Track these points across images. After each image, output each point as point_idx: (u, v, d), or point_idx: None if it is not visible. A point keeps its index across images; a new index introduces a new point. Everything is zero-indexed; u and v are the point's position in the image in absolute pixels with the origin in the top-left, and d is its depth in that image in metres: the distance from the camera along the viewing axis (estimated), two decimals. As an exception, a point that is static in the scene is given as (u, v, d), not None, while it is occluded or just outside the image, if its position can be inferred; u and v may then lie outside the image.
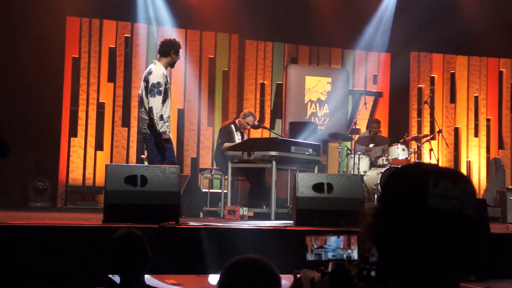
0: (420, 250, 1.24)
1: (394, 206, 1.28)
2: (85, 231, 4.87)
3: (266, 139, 8.84)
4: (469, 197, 1.26)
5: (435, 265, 1.24)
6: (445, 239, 1.23)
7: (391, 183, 1.33)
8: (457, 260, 1.25)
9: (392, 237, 1.27)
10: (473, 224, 1.26)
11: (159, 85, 6.27)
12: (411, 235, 1.24)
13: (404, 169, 1.34)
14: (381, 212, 1.31)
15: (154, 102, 6.26)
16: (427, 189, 1.25)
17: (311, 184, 5.99)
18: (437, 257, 1.23)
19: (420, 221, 1.24)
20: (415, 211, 1.25)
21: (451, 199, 1.24)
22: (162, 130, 6.28)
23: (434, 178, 1.26)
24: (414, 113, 11.70)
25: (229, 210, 7.20)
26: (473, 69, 11.93)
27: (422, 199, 1.24)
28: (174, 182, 5.46)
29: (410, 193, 1.27)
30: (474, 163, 11.71)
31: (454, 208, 1.24)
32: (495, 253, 4.94)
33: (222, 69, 10.84)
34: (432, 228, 1.23)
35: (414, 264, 1.25)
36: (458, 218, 1.24)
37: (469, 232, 1.26)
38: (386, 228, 1.28)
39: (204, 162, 10.36)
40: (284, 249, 4.72)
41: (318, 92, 11.15)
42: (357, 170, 8.65)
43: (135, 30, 10.32)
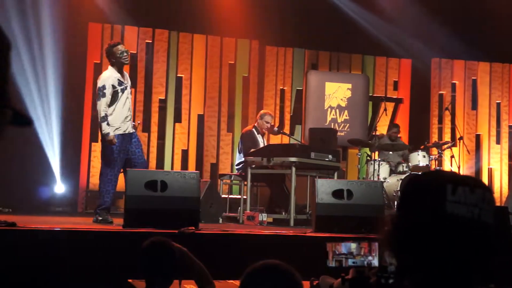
0: (438, 257, 1.23)
1: (412, 213, 1.28)
2: (106, 235, 4.90)
3: (285, 145, 8.83)
4: (487, 204, 1.26)
5: (453, 272, 1.23)
6: (464, 245, 1.23)
7: (409, 190, 1.33)
8: (475, 267, 1.24)
9: (410, 244, 1.27)
10: (491, 231, 1.25)
11: (103, 88, 6.34)
12: (429, 242, 1.24)
13: (422, 176, 1.34)
14: (399, 219, 1.31)
15: (98, 105, 6.36)
16: (445, 195, 1.25)
17: (330, 191, 5.97)
18: (455, 264, 1.23)
19: (438, 228, 1.24)
20: (433, 217, 1.24)
21: (469, 205, 1.24)
22: (105, 132, 6.29)
23: (452, 185, 1.25)
24: (435, 120, 11.62)
25: (248, 216, 7.20)
26: (495, 75, 11.82)
27: (440, 205, 1.24)
28: (194, 188, 5.48)
29: (428, 199, 1.27)
30: (496, 170, 11.59)
31: (473, 215, 1.24)
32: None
33: (242, 75, 10.87)
34: (450, 235, 1.23)
35: (432, 271, 1.24)
36: (477, 224, 1.24)
37: (487, 238, 1.25)
38: (404, 235, 1.28)
39: (224, 168, 10.38)
40: (303, 256, 4.71)
41: (338, 98, 11.12)
42: (377, 176, 8.61)
43: (156, 36, 10.38)
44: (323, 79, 11.13)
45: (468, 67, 11.77)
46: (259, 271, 2.20)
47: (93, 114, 9.99)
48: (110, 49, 6.55)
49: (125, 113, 6.48)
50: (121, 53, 6.47)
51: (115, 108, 6.42)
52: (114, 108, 6.41)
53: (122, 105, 6.46)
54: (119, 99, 6.44)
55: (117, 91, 6.43)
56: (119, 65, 6.50)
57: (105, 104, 6.33)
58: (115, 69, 6.50)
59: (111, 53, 6.51)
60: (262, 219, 7.11)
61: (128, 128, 6.47)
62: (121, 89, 6.48)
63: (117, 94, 6.43)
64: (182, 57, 10.55)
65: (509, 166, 11.58)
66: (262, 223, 7.07)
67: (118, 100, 6.43)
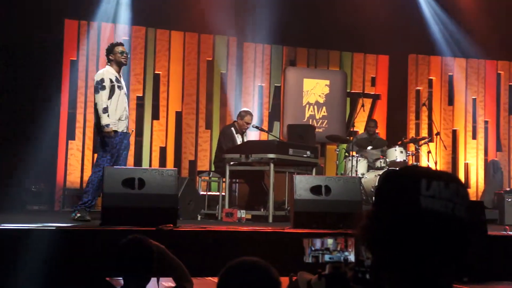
0: (413, 251, 1.24)
1: (388, 208, 1.29)
2: (83, 233, 4.86)
3: (264, 142, 8.84)
4: (461, 199, 1.27)
5: (427, 266, 1.24)
6: (438, 240, 1.24)
7: (384, 186, 1.33)
8: (449, 260, 1.25)
9: (385, 239, 1.28)
10: (465, 225, 1.27)
11: (102, 81, 6.40)
12: (404, 236, 1.25)
13: (397, 171, 1.35)
14: (374, 214, 1.31)
15: (97, 98, 6.40)
16: (420, 190, 1.26)
17: (309, 187, 5.99)
18: (430, 257, 1.24)
19: (413, 222, 1.25)
20: (408, 212, 1.25)
21: (444, 200, 1.25)
22: (105, 123, 6.31)
23: (426, 180, 1.26)
24: (412, 116, 11.70)
25: (226, 213, 7.20)
26: (471, 71, 11.94)
27: (415, 200, 1.25)
28: (172, 185, 5.46)
29: (403, 194, 1.27)
30: (472, 165, 11.72)
31: (447, 209, 1.25)
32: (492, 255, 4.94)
33: (220, 72, 10.85)
34: (424, 229, 1.24)
35: (407, 265, 1.25)
36: (451, 219, 1.25)
37: (461, 233, 1.26)
38: (380, 230, 1.29)
39: (202, 165, 10.36)
40: (282, 252, 4.72)
41: (316, 94, 11.15)
42: (355, 172, 8.65)
43: (133, 33, 10.31)
44: (301, 76, 11.16)
45: (444, 63, 11.88)
46: (237, 268, 2.20)
47: (69, 112, 9.92)
48: (111, 47, 6.66)
49: (120, 112, 6.49)
50: (121, 52, 6.58)
51: (111, 102, 6.44)
52: (111, 102, 6.43)
53: (117, 102, 6.48)
54: (115, 94, 6.46)
55: (114, 86, 6.48)
56: (117, 65, 6.59)
57: (105, 96, 6.39)
58: (113, 68, 6.57)
59: (111, 51, 6.61)
60: (240, 215, 7.10)
61: (123, 128, 6.51)
62: (118, 86, 6.53)
63: (114, 89, 6.48)
64: (160, 54, 10.50)
65: (485, 161, 11.71)
66: (241, 220, 7.07)
67: (114, 95, 6.46)
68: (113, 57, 6.57)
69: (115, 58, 6.57)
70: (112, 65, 6.59)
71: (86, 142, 9.95)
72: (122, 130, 6.48)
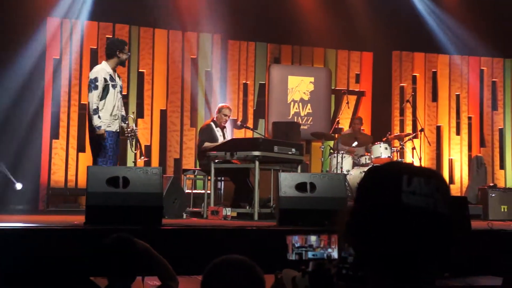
0: (395, 248, 1.25)
1: (369, 205, 1.29)
2: (67, 233, 4.83)
3: (249, 139, 8.83)
4: (442, 195, 1.27)
5: (409, 262, 1.25)
6: (419, 236, 1.24)
7: (366, 182, 1.34)
8: (431, 256, 1.26)
9: (367, 235, 1.28)
10: (446, 221, 1.27)
11: (95, 80, 6.35)
12: (386, 233, 1.25)
13: (378, 168, 1.35)
14: (356, 211, 1.31)
15: (90, 97, 6.36)
16: (401, 186, 1.26)
17: (294, 184, 5.99)
18: (412, 254, 1.24)
19: (394, 219, 1.25)
20: (389, 208, 1.26)
21: (425, 196, 1.25)
22: (96, 125, 6.27)
23: (407, 176, 1.27)
24: (396, 112, 11.75)
25: (212, 211, 7.19)
26: (454, 67, 12.01)
27: (396, 196, 1.25)
28: (157, 183, 5.44)
29: (384, 191, 1.28)
30: (456, 161, 11.79)
31: (428, 205, 1.25)
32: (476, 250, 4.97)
33: (205, 70, 10.82)
34: (406, 225, 1.24)
35: (389, 262, 1.26)
36: (432, 215, 1.25)
37: (442, 228, 1.27)
38: (361, 227, 1.29)
39: (187, 163, 10.34)
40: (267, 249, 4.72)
41: (301, 91, 11.17)
42: (340, 169, 8.68)
43: (116, 31, 10.26)
44: (286, 73, 11.16)
45: (428, 60, 11.94)
46: (221, 266, 2.20)
47: (53, 111, 9.85)
48: (120, 44, 6.56)
49: (114, 111, 6.45)
50: (127, 52, 6.54)
51: (105, 102, 6.39)
52: (104, 102, 6.38)
53: (112, 101, 6.45)
54: (109, 94, 6.41)
55: (108, 85, 6.42)
56: (117, 63, 6.51)
57: (97, 96, 6.33)
58: (110, 65, 6.49)
59: (120, 48, 6.50)
60: (226, 213, 7.10)
61: (117, 127, 6.48)
62: (112, 85, 6.48)
63: (108, 88, 6.42)
64: (143, 52, 10.46)
65: (469, 157, 11.79)
66: (226, 218, 7.06)
67: (108, 94, 6.41)
68: (119, 56, 6.48)
69: (121, 56, 6.49)
70: (110, 62, 6.50)
71: (70, 141, 9.89)
72: (115, 130, 6.46)
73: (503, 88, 12.15)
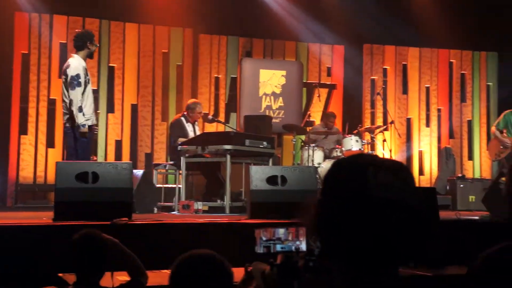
0: (361, 240, 1.25)
1: (335, 197, 1.29)
2: (35, 229, 4.77)
3: (220, 133, 8.82)
4: (408, 186, 1.28)
5: (374, 254, 1.25)
6: (385, 227, 1.24)
7: (332, 175, 1.34)
8: (395, 248, 1.26)
9: (333, 228, 1.28)
10: (413, 212, 1.27)
11: (78, 77, 6.32)
12: (352, 225, 1.25)
13: (344, 160, 1.35)
14: (322, 203, 1.31)
15: (73, 95, 6.31)
16: (367, 179, 1.26)
17: (265, 177, 6.00)
18: (377, 245, 1.24)
19: (360, 211, 1.25)
20: (355, 201, 1.26)
21: (390, 188, 1.26)
22: (81, 123, 6.24)
23: (373, 168, 1.27)
24: (367, 105, 11.83)
25: (183, 205, 7.17)
26: (424, 60, 12.13)
27: (362, 189, 1.25)
28: (126, 178, 5.40)
29: (350, 183, 1.28)
30: (426, 152, 11.92)
31: (393, 196, 1.25)
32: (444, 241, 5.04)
33: (176, 64, 10.77)
34: (371, 217, 1.24)
35: (355, 254, 1.26)
36: (398, 206, 1.25)
37: (409, 220, 1.27)
38: (327, 219, 1.29)
39: (159, 158, 10.29)
40: (239, 243, 4.71)
41: (273, 85, 11.17)
42: (311, 162, 8.71)
43: (86, 25, 10.13)
44: (257, 67, 11.15)
45: (398, 53, 12.03)
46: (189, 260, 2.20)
47: (21, 106, 9.71)
48: (90, 36, 6.54)
49: (92, 104, 6.48)
50: (96, 44, 6.57)
51: (84, 98, 6.38)
52: (83, 98, 6.37)
53: (90, 96, 6.45)
54: (87, 89, 6.41)
55: (86, 80, 6.41)
56: (86, 54, 6.48)
57: (80, 93, 6.29)
58: (82, 58, 6.46)
59: (90, 39, 6.48)
60: (197, 207, 7.09)
61: (93, 121, 6.50)
62: (89, 79, 6.49)
63: (86, 83, 6.40)
64: (114, 47, 10.36)
65: (438, 148, 11.93)
66: (198, 212, 7.05)
67: (87, 89, 6.41)
68: (89, 47, 6.45)
69: (90, 49, 6.47)
70: (81, 54, 6.46)
71: (39, 136, 9.76)
72: (92, 124, 6.47)
73: (471, 81, 12.31)
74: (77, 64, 6.40)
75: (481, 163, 12.07)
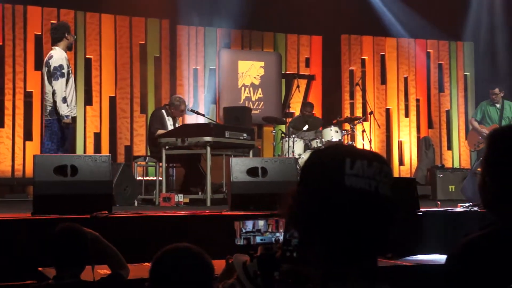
0: (337, 230, 1.25)
1: (312, 187, 1.29)
2: (14, 224, 4.72)
3: (200, 125, 8.77)
4: (384, 177, 1.29)
5: (352, 244, 1.26)
6: (361, 218, 1.25)
7: (309, 165, 1.34)
8: (373, 238, 1.27)
9: (310, 218, 1.28)
10: (388, 203, 1.28)
11: (61, 68, 6.31)
12: (328, 215, 1.26)
13: (322, 151, 1.36)
14: (299, 193, 1.32)
15: (57, 85, 6.30)
16: (344, 169, 1.26)
17: (245, 169, 5.99)
18: (354, 235, 1.25)
19: (337, 201, 1.26)
20: (332, 191, 1.26)
21: (367, 178, 1.26)
22: (64, 113, 6.26)
23: (350, 159, 1.27)
24: (346, 95, 11.87)
25: (164, 198, 7.14)
26: (402, 50, 12.18)
27: (339, 179, 1.26)
28: (106, 171, 5.36)
29: (327, 173, 1.28)
30: (406, 142, 12.00)
31: (370, 187, 1.26)
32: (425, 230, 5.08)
33: (154, 55, 10.70)
34: (348, 207, 1.25)
35: (331, 244, 1.26)
36: (374, 197, 1.26)
37: (384, 210, 1.28)
38: (305, 209, 1.29)
39: (138, 150, 10.23)
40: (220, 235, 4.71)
41: (252, 76, 11.16)
42: (291, 153, 8.72)
43: (61, 17, 10.02)
44: (236, 58, 11.13)
45: (376, 43, 12.07)
46: (169, 254, 2.19)
47: (-3, 99, 9.60)
48: (64, 25, 6.57)
49: (74, 97, 6.49)
50: (73, 35, 6.60)
51: (68, 89, 6.37)
52: (69, 90, 6.37)
53: (71, 87, 6.44)
54: (69, 80, 6.42)
55: (69, 71, 6.42)
56: (65, 46, 6.46)
57: (64, 84, 6.29)
58: (63, 50, 6.44)
59: (65, 29, 6.48)
60: (178, 200, 7.06)
61: (74, 113, 6.55)
62: (71, 70, 6.48)
63: (69, 75, 6.41)
64: (90, 38, 10.26)
65: (418, 138, 12.01)
66: (179, 204, 7.03)
67: (69, 81, 6.40)
68: (68, 38, 6.44)
69: (68, 40, 6.46)
70: (61, 45, 6.45)
71: (16, 129, 9.65)
72: (73, 115, 6.50)
73: (449, 71, 12.40)
74: (59, 55, 6.40)
75: (460, 153, 12.19)
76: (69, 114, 6.30)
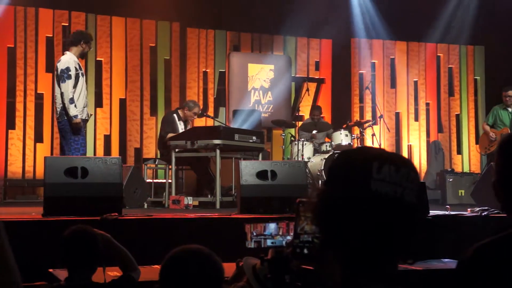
0: (361, 233, 1.25)
1: (338, 189, 1.29)
2: (24, 225, 4.75)
3: (209, 128, 8.80)
4: (411, 183, 1.27)
5: (375, 248, 1.25)
6: (386, 223, 1.24)
7: (337, 165, 1.33)
8: (395, 244, 1.26)
9: (334, 218, 1.28)
10: (413, 210, 1.27)
11: (68, 70, 6.36)
12: (353, 218, 1.25)
13: (350, 152, 1.35)
14: (325, 193, 1.31)
15: (64, 87, 6.35)
16: (371, 173, 1.25)
17: (254, 172, 5.99)
18: (377, 240, 1.25)
19: (362, 205, 1.25)
20: (358, 194, 1.25)
21: (393, 184, 1.25)
22: (73, 114, 6.29)
23: (378, 163, 1.26)
24: (356, 99, 11.85)
25: (173, 200, 7.15)
26: (412, 54, 12.16)
27: (366, 182, 1.25)
28: (116, 173, 5.38)
29: (354, 176, 1.27)
30: (415, 146, 11.97)
31: (396, 193, 1.25)
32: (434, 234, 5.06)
33: (164, 58, 10.73)
34: (372, 212, 1.24)
35: (354, 246, 1.26)
36: (399, 203, 1.25)
37: (408, 217, 1.27)
38: (330, 209, 1.29)
39: (148, 152, 10.26)
40: (230, 238, 4.72)
41: (261, 79, 11.16)
42: (301, 156, 8.72)
43: (72, 19, 10.08)
44: (246, 61, 11.14)
45: (386, 47, 12.05)
46: (180, 256, 2.19)
47: (8, 101, 9.65)
48: (85, 34, 6.66)
49: (84, 99, 6.51)
50: (90, 46, 6.65)
51: (76, 91, 6.42)
52: (75, 91, 6.42)
53: (81, 90, 6.48)
54: (79, 82, 6.45)
55: (78, 74, 6.45)
56: (78, 52, 6.54)
57: (71, 86, 6.34)
58: (74, 54, 6.52)
59: (83, 37, 6.56)
60: (187, 202, 7.07)
61: (85, 115, 6.54)
62: (81, 73, 6.54)
63: (78, 77, 6.45)
64: (101, 40, 10.30)
65: (427, 142, 11.98)
66: (188, 207, 7.04)
67: (79, 83, 6.44)
68: (83, 46, 6.53)
69: (83, 49, 6.54)
70: (74, 50, 6.52)
71: (27, 131, 9.71)
72: (84, 117, 6.54)
73: (459, 74, 12.36)
74: (68, 58, 6.46)
75: (470, 157, 12.14)
76: (77, 115, 6.33)
